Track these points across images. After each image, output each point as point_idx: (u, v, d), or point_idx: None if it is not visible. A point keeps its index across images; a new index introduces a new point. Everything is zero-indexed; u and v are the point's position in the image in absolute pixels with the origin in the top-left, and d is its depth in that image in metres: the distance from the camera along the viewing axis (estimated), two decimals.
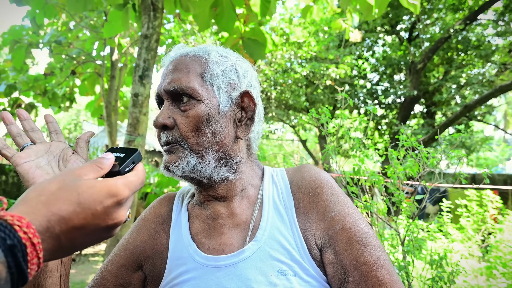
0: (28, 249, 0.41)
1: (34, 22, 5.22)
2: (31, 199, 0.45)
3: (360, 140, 1.90)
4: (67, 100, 7.69)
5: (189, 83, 0.78)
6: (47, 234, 0.44)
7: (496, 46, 9.50)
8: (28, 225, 0.41)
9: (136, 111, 3.39)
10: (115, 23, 4.18)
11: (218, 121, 0.79)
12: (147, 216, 0.91)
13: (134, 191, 0.53)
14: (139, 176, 0.55)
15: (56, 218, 0.44)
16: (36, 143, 0.74)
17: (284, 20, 10.19)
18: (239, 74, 0.84)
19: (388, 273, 0.69)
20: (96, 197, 0.47)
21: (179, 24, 8.31)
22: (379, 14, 3.40)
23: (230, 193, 0.83)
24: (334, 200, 0.79)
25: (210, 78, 0.80)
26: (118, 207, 0.50)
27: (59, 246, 0.45)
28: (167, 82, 0.79)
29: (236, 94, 0.82)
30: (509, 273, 3.01)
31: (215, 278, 0.74)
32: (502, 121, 25.38)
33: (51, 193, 0.46)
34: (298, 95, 10.23)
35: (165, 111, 0.79)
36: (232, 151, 0.81)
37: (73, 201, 0.46)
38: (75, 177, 0.49)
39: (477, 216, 4.37)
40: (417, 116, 11.71)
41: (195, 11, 3.35)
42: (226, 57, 0.84)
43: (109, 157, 0.55)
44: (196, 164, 0.77)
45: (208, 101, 0.78)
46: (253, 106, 0.84)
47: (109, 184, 0.49)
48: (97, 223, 0.48)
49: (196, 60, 0.81)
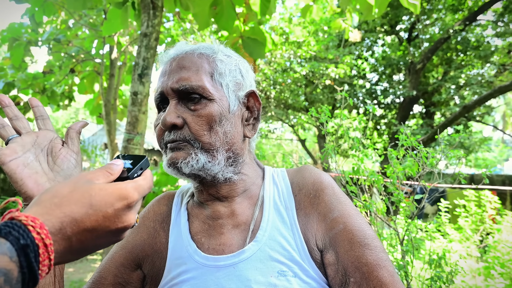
0: (41, 250, 0.41)
1: (33, 19, 5.20)
2: (44, 201, 0.46)
3: (359, 140, 1.90)
4: (66, 98, 7.67)
5: (200, 82, 0.76)
6: (59, 235, 0.44)
7: (495, 47, 9.51)
8: (41, 226, 0.42)
9: (135, 110, 3.38)
10: (115, 21, 4.16)
11: (229, 121, 0.78)
12: (146, 215, 0.90)
13: (143, 195, 0.54)
14: (148, 181, 0.56)
15: (69, 220, 0.45)
16: (22, 134, 0.69)
17: (284, 19, 10.19)
18: (243, 73, 0.84)
19: (390, 274, 0.69)
20: (108, 200, 0.48)
21: (179, 23, 8.30)
22: (379, 14, 3.40)
23: (232, 193, 0.82)
24: (335, 201, 0.78)
25: (219, 77, 0.79)
26: (128, 210, 0.51)
27: (69, 248, 0.46)
28: (174, 80, 0.77)
29: (243, 93, 0.83)
30: (507, 273, 3.01)
31: (214, 278, 0.73)
32: (500, 122, 25.44)
33: (64, 196, 0.47)
34: (297, 94, 10.23)
35: (173, 110, 0.76)
36: (240, 150, 0.82)
37: (86, 203, 0.46)
38: (87, 180, 0.50)
39: (476, 216, 4.38)
40: (416, 116, 11.72)
41: (194, 10, 3.34)
42: (230, 57, 0.84)
43: (119, 163, 0.56)
44: (206, 163, 0.76)
45: (219, 100, 0.77)
46: (258, 106, 0.85)
47: (120, 187, 0.50)
48: (108, 226, 0.48)
49: (204, 58, 0.80)
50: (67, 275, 5.70)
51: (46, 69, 7.13)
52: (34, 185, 0.64)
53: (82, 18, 6.43)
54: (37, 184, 0.64)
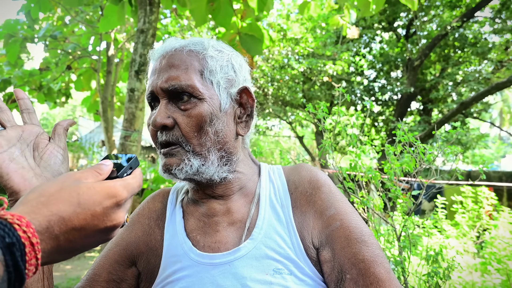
0: (27, 249, 0.40)
1: (29, 16, 5.17)
2: (31, 200, 0.45)
3: (357, 137, 1.90)
4: (62, 95, 7.64)
5: (189, 81, 0.74)
6: (46, 234, 0.43)
7: (492, 43, 9.52)
8: (27, 224, 0.41)
9: (132, 107, 3.37)
10: (111, 17, 4.14)
11: (220, 120, 0.77)
12: (141, 212, 0.90)
13: (132, 194, 0.53)
14: (137, 179, 0.56)
15: (56, 219, 0.44)
16: (6, 128, 0.67)
17: (282, 16, 10.17)
18: (235, 69, 0.82)
19: (386, 271, 0.69)
20: (96, 198, 0.47)
21: (176, 19, 8.26)
22: (376, 10, 3.39)
23: (228, 192, 0.82)
24: (331, 199, 0.78)
25: (209, 75, 0.77)
26: (117, 208, 0.50)
27: (57, 247, 0.45)
28: (163, 79, 0.75)
29: (235, 90, 0.80)
30: (503, 269, 3.03)
31: (210, 276, 0.73)
32: (497, 119, 25.53)
33: (51, 194, 0.46)
34: (295, 91, 10.22)
35: (163, 110, 0.75)
36: (233, 148, 0.81)
37: (74, 202, 0.46)
38: (75, 179, 0.49)
39: (472, 212, 4.40)
40: (413, 113, 11.74)
41: (191, 6, 3.32)
42: (222, 52, 0.82)
43: (108, 164, 0.55)
44: (200, 166, 0.75)
45: (210, 99, 0.76)
46: (251, 102, 0.83)
47: (109, 186, 0.50)
48: (96, 224, 0.48)
49: (193, 55, 0.78)
50: (65, 272, 5.70)
51: (42, 66, 7.09)
52: (21, 180, 0.62)
53: (78, 14, 6.39)
54: (24, 179, 0.62)
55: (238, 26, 3.66)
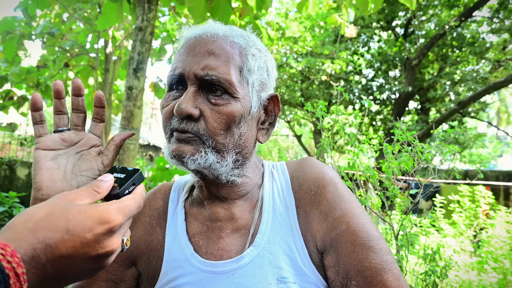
0: (11, 280, 0.38)
1: (26, 13, 5.14)
2: (17, 225, 0.43)
3: (355, 136, 1.90)
4: None
5: (228, 75, 0.69)
6: (33, 263, 0.41)
7: (490, 43, 9.54)
8: (12, 254, 0.39)
9: (130, 105, 3.36)
10: (109, 15, 4.12)
11: (246, 123, 0.73)
12: (141, 209, 0.85)
13: (129, 217, 0.51)
14: (136, 200, 0.52)
15: (42, 247, 0.41)
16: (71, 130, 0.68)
17: (280, 14, 10.16)
18: (269, 72, 0.78)
19: (395, 278, 0.65)
20: (86, 224, 0.44)
21: (174, 17, 8.23)
22: (374, 9, 3.39)
23: (232, 195, 0.78)
24: (338, 199, 0.73)
25: (247, 74, 0.72)
26: (110, 234, 0.47)
27: (44, 276, 0.42)
28: (200, 66, 0.68)
29: (265, 94, 0.77)
30: (500, 268, 3.04)
31: (212, 285, 0.70)
32: (495, 118, 25.61)
33: (39, 219, 0.43)
34: (294, 90, 10.22)
35: (191, 98, 0.68)
36: (249, 154, 0.77)
37: (61, 228, 0.43)
38: (68, 202, 0.46)
39: (470, 211, 4.42)
40: (411, 112, 11.77)
41: (190, 4, 3.31)
42: (261, 51, 0.77)
43: (108, 179, 0.53)
44: (214, 163, 0.70)
45: (243, 99, 0.71)
46: (277, 111, 0.80)
47: (101, 210, 0.46)
48: (87, 252, 0.45)
49: (236, 48, 0.72)
50: None
51: (40, 63, 7.06)
52: (47, 179, 0.62)
53: (76, 11, 6.36)
54: (50, 179, 0.62)
55: (237, 24, 3.66)
